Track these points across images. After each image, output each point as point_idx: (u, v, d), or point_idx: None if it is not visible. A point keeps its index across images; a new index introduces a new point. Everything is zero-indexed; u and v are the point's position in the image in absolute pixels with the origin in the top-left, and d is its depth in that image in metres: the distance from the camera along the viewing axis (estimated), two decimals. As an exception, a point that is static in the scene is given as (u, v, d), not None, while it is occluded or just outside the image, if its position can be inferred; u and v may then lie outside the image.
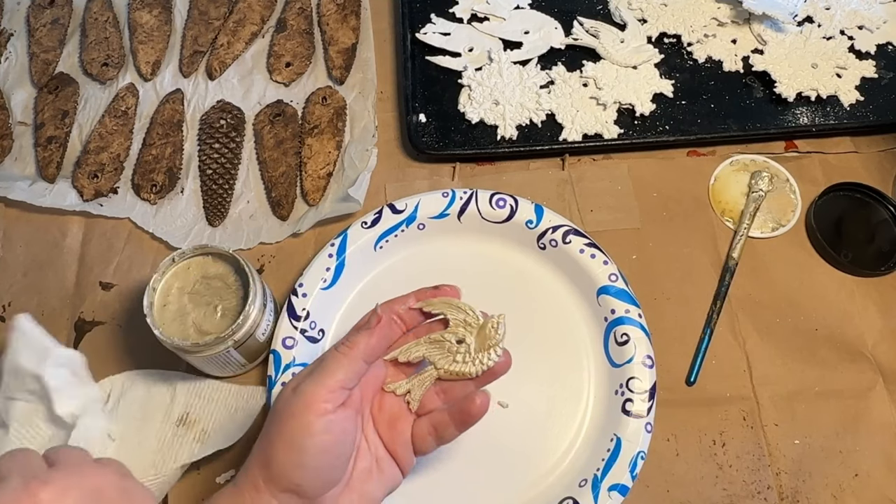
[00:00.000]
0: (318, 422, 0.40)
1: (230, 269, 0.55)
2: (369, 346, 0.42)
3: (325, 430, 0.40)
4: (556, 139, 0.67)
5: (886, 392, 0.57)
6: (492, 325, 0.44)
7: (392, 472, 0.45)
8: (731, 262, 0.62)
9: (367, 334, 0.43)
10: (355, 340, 0.42)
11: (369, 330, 0.43)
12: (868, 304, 0.61)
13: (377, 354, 0.43)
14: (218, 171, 0.67)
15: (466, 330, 0.45)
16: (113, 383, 0.58)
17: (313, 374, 0.42)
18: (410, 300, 0.46)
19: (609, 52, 0.71)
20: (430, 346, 0.45)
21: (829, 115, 0.68)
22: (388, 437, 0.45)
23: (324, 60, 0.73)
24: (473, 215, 0.62)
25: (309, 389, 0.41)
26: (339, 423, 0.41)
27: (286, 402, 0.41)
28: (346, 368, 0.41)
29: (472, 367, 0.44)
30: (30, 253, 0.65)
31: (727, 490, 0.54)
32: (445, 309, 0.45)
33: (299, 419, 0.40)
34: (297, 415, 0.40)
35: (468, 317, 0.45)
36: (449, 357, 0.45)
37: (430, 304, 0.45)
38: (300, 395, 0.41)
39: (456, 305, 0.45)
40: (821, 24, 0.74)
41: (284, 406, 0.41)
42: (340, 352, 0.42)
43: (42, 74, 0.73)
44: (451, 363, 0.45)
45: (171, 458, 0.54)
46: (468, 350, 0.44)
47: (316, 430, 0.40)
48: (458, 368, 0.44)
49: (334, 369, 0.41)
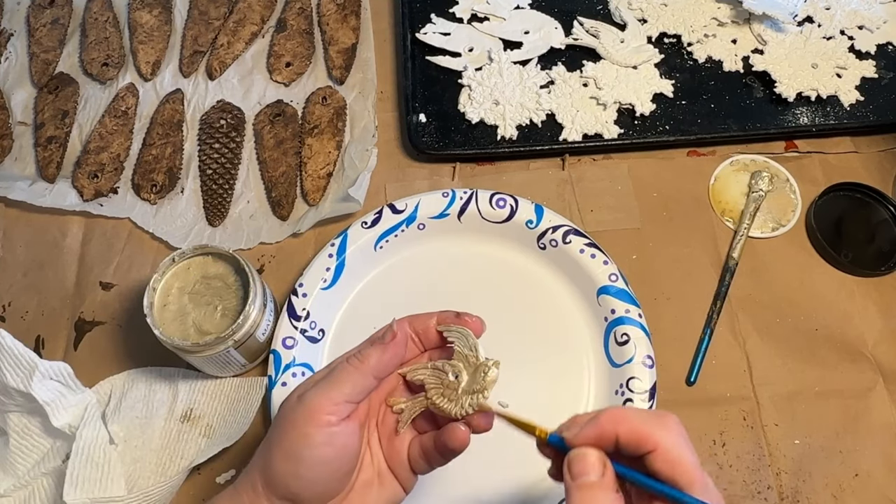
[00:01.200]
0: (318, 433, 0.39)
1: (230, 269, 0.55)
2: (381, 361, 0.41)
3: (326, 442, 0.39)
4: (556, 139, 0.67)
5: (886, 392, 0.57)
6: (482, 370, 0.41)
7: (393, 488, 0.43)
8: (731, 262, 0.62)
9: (381, 349, 0.41)
10: (367, 354, 0.41)
11: (383, 345, 0.41)
12: (868, 304, 0.61)
13: (388, 371, 0.42)
14: (218, 171, 0.67)
15: (465, 367, 0.42)
16: (113, 383, 0.58)
17: (320, 383, 0.40)
18: (433, 320, 0.43)
19: (609, 52, 0.71)
20: (431, 373, 0.43)
21: (829, 115, 0.68)
22: (387, 452, 0.44)
23: (324, 60, 0.73)
24: (473, 215, 0.62)
25: (314, 399, 0.39)
26: (341, 437, 0.40)
27: (290, 408, 0.40)
28: (355, 382, 0.40)
29: (455, 408, 0.41)
30: (30, 253, 0.65)
31: (727, 490, 0.54)
32: (457, 339, 0.42)
33: (300, 429, 0.39)
34: (298, 424, 0.39)
35: (470, 355, 0.42)
36: (440, 389, 0.42)
37: (448, 329, 0.43)
38: (304, 403, 0.39)
39: (465, 337, 0.42)
40: (821, 24, 0.74)
41: (288, 412, 0.40)
42: (351, 364, 0.41)
43: (42, 74, 0.73)
44: (438, 396, 0.42)
45: (178, 456, 0.54)
46: (456, 388, 0.41)
47: (316, 442, 0.39)
48: (442, 405, 0.42)
49: (342, 381, 0.40)
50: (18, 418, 0.53)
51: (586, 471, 0.35)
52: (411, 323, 0.44)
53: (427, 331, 0.44)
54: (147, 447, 0.54)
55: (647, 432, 0.34)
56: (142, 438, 0.55)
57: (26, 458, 0.52)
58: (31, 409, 0.52)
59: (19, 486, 0.52)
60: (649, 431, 0.34)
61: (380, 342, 0.41)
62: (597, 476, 0.35)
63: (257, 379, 0.56)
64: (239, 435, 0.54)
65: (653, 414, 0.36)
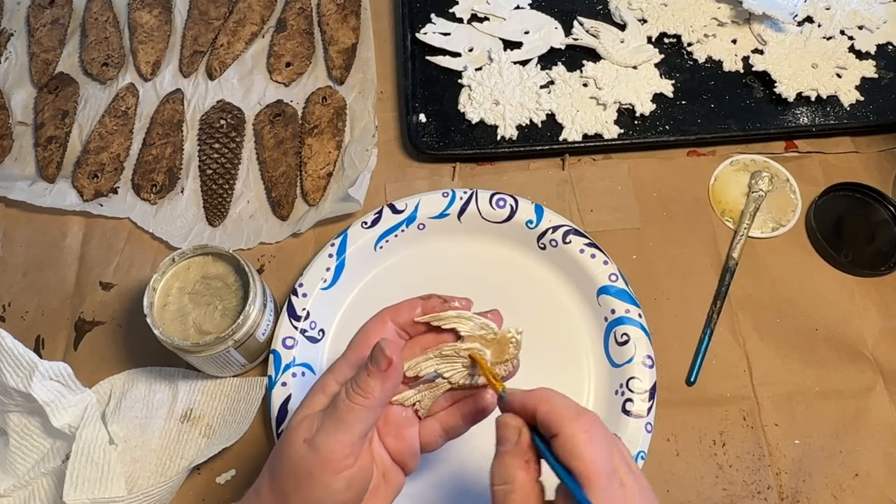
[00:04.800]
0: (338, 481, 0.38)
1: (230, 269, 0.55)
2: (385, 391, 0.40)
3: (348, 486, 0.39)
4: (556, 139, 0.67)
5: (886, 392, 0.57)
6: (511, 341, 0.42)
7: (397, 480, 0.44)
8: (731, 262, 0.62)
9: (382, 380, 0.39)
10: (370, 389, 0.39)
11: (383, 375, 0.39)
12: (868, 304, 0.61)
13: (391, 397, 0.41)
14: (218, 171, 0.67)
15: (483, 345, 0.42)
16: (113, 384, 0.58)
17: (328, 427, 0.39)
18: (417, 309, 0.43)
19: (609, 52, 0.71)
20: (442, 361, 0.43)
21: (829, 115, 0.68)
22: (395, 447, 0.43)
23: (324, 60, 0.73)
24: (473, 215, 0.62)
25: (327, 446, 0.38)
26: (360, 475, 0.39)
27: (301, 457, 0.39)
28: (365, 420, 0.39)
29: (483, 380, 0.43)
30: (30, 253, 0.65)
31: (727, 490, 0.54)
32: (458, 323, 0.43)
33: (318, 478, 0.38)
34: (315, 474, 0.38)
35: (485, 332, 0.42)
36: (464, 371, 0.43)
37: (440, 318, 0.43)
38: (317, 451, 0.38)
39: (468, 318, 0.43)
40: (821, 24, 0.74)
41: (299, 461, 0.39)
42: (356, 402, 0.39)
43: (42, 74, 0.73)
44: (465, 377, 0.43)
45: (178, 456, 0.54)
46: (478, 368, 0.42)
47: (339, 489, 0.38)
48: (474, 382, 0.43)
49: (352, 422, 0.39)
50: (18, 418, 0.53)
51: (504, 437, 0.38)
52: (393, 318, 0.43)
53: (412, 324, 0.43)
54: (147, 447, 0.54)
55: (556, 417, 0.36)
56: (142, 438, 0.55)
57: (26, 458, 0.52)
58: (31, 409, 0.52)
59: (19, 486, 0.52)
60: (558, 418, 0.36)
61: (377, 372, 0.39)
62: (511, 445, 0.37)
63: (257, 379, 0.56)
64: (239, 435, 0.54)
65: (574, 405, 0.37)
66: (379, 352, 0.39)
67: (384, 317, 0.43)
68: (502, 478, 0.37)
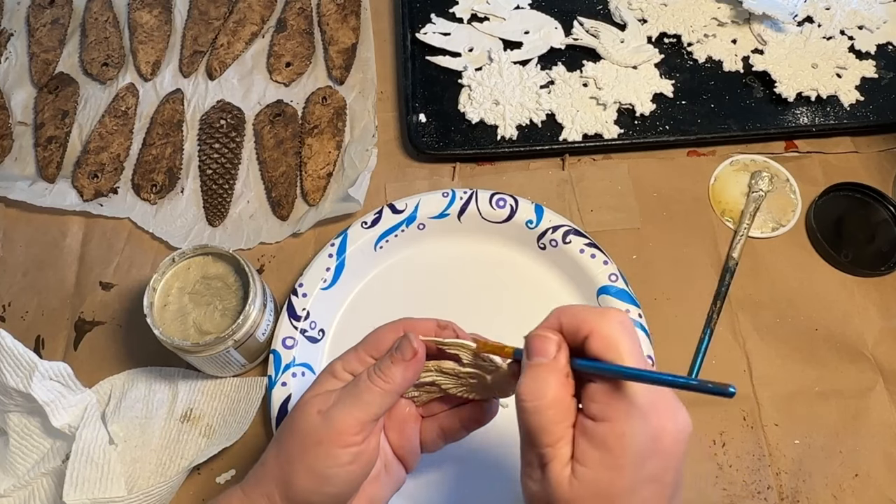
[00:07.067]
0: (345, 454, 0.40)
1: (230, 269, 0.55)
2: (406, 380, 0.41)
3: (353, 461, 0.40)
4: (556, 139, 0.67)
5: (886, 392, 0.57)
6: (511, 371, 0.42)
7: (399, 473, 0.45)
8: (731, 262, 0.62)
9: (404, 368, 0.41)
10: (392, 375, 0.41)
11: (406, 364, 0.41)
12: (868, 304, 0.61)
13: (409, 386, 0.43)
14: (218, 171, 0.67)
15: (482, 373, 0.43)
16: (113, 383, 0.58)
17: (345, 401, 0.41)
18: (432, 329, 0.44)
19: (609, 52, 0.71)
20: (441, 375, 0.44)
21: (829, 115, 0.68)
22: (397, 442, 0.44)
23: (324, 60, 0.73)
24: (473, 215, 0.62)
25: (340, 418, 0.40)
26: (366, 454, 0.41)
27: (313, 426, 0.40)
28: (381, 403, 0.41)
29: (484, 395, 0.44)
30: (30, 253, 0.65)
31: (727, 490, 0.54)
32: (460, 350, 0.43)
33: (326, 448, 0.40)
34: (324, 443, 0.40)
35: (486, 365, 0.42)
36: (461, 388, 0.44)
37: (445, 343, 0.43)
38: (330, 422, 0.40)
39: (468, 348, 0.42)
40: (821, 24, 0.74)
41: (310, 429, 0.40)
42: (377, 385, 0.41)
43: (42, 74, 0.73)
44: (461, 391, 0.44)
45: (178, 456, 0.54)
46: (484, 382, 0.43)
47: (343, 462, 0.40)
48: (473, 396, 0.44)
49: (369, 402, 0.40)
50: (18, 418, 0.53)
51: (540, 351, 0.37)
52: (407, 329, 0.44)
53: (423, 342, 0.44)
54: (147, 447, 0.54)
55: (584, 318, 0.36)
56: (141, 438, 0.55)
57: (26, 458, 0.52)
58: (31, 410, 0.52)
59: (19, 486, 0.52)
60: (585, 317, 0.36)
61: (401, 360, 0.41)
62: (549, 357, 0.36)
63: (257, 379, 0.56)
64: (239, 435, 0.54)
65: (596, 308, 0.38)
66: (406, 342, 0.41)
67: (399, 326, 0.44)
68: (535, 393, 0.36)
